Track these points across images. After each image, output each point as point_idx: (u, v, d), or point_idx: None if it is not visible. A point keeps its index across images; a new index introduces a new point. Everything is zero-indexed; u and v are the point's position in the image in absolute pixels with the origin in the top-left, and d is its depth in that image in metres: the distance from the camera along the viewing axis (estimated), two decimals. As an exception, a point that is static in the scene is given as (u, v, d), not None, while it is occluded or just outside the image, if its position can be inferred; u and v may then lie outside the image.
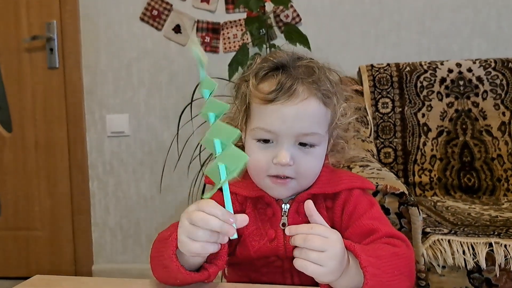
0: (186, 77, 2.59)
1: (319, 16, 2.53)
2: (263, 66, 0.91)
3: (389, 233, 0.86)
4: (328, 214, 0.93)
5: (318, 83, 0.87)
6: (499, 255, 1.39)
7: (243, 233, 0.92)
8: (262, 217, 0.93)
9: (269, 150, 0.87)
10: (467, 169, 2.15)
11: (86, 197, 2.75)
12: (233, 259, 0.95)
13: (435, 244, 1.44)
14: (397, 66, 2.28)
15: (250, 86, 0.90)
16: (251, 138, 0.90)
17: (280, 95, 0.85)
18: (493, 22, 2.46)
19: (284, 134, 0.86)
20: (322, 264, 0.72)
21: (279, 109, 0.85)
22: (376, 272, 0.75)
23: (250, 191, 0.93)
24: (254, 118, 0.90)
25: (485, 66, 2.23)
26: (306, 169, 0.88)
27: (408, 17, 2.50)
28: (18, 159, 2.76)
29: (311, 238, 0.73)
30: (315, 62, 0.92)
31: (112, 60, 2.66)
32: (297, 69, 0.88)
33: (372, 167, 1.61)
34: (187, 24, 2.59)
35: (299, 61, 0.91)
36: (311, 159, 0.88)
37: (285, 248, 0.90)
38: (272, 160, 0.86)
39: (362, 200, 0.92)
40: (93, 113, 2.71)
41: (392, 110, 2.24)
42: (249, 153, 0.89)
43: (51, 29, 2.65)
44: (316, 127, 0.87)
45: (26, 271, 2.75)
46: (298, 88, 0.86)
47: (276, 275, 0.93)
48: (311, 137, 0.87)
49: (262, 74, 0.90)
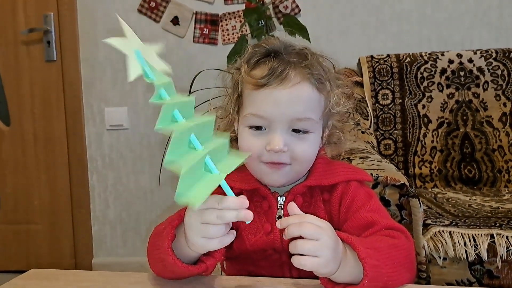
0: (184, 69, 2.57)
1: (319, 7, 2.51)
2: (255, 52, 0.90)
3: (388, 225, 0.85)
4: (325, 207, 0.92)
5: (311, 68, 0.87)
6: (500, 246, 1.38)
7: (239, 226, 0.91)
8: (258, 210, 0.91)
9: (262, 137, 0.86)
10: (467, 160, 2.15)
11: (85, 191, 2.74)
12: (230, 252, 0.94)
13: (436, 236, 1.44)
14: (397, 57, 2.27)
15: (242, 72, 0.89)
16: (243, 125, 0.89)
17: (272, 80, 0.84)
18: (495, 12, 2.44)
19: (277, 120, 0.84)
20: (318, 254, 0.71)
21: (271, 93, 0.84)
22: (376, 263, 0.74)
23: (245, 184, 0.92)
24: (246, 105, 0.89)
25: (486, 56, 2.22)
26: (301, 155, 0.86)
27: (409, 7, 2.48)
28: (17, 153, 2.75)
29: (305, 225, 0.72)
30: (307, 49, 0.91)
31: (110, 52, 2.64)
32: (290, 55, 0.87)
33: (373, 159, 1.60)
34: (186, 16, 2.57)
35: (290, 47, 0.90)
36: (305, 144, 0.87)
37: (282, 241, 0.89)
38: (265, 147, 0.85)
39: (360, 192, 0.91)
40: (92, 106, 2.70)
41: (392, 101, 2.22)
42: (242, 141, 0.89)
43: (48, 22, 2.63)
44: (310, 112, 0.86)
45: (26, 264, 2.74)
46: (290, 73, 0.85)
47: (274, 268, 0.92)
48: (304, 122, 0.86)
49: (254, 61, 0.89)
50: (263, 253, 0.91)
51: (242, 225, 0.91)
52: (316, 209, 0.91)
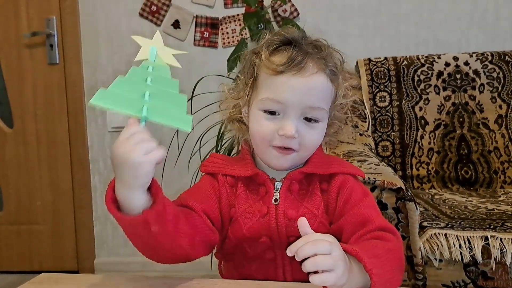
0: (185, 73, 2.60)
1: (317, 10, 2.54)
2: (274, 39, 0.93)
3: (382, 225, 0.88)
4: (323, 196, 0.95)
5: (326, 59, 0.91)
6: (494, 248, 1.41)
7: (236, 213, 0.94)
8: (254, 197, 0.95)
9: (275, 122, 0.89)
10: (464, 161, 2.18)
11: (87, 191, 2.77)
12: (226, 242, 0.97)
13: (432, 238, 1.47)
14: (395, 59, 2.30)
15: (262, 57, 0.92)
16: (257, 109, 0.92)
17: (291, 68, 0.88)
18: (491, 15, 2.47)
19: (292, 106, 0.88)
20: (335, 267, 0.72)
21: (289, 80, 0.88)
22: (380, 272, 0.77)
23: (245, 171, 0.95)
24: (263, 89, 0.92)
25: (482, 59, 2.25)
26: (309, 142, 0.91)
27: (406, 10, 2.51)
28: (19, 154, 2.77)
29: (318, 242, 0.73)
30: (322, 41, 0.95)
31: (111, 55, 2.68)
32: (307, 45, 0.91)
33: (370, 162, 1.63)
34: (186, 19, 2.60)
35: (308, 38, 0.94)
36: (314, 133, 0.91)
37: (277, 223, 0.92)
38: (278, 131, 0.89)
39: (357, 188, 0.94)
40: (94, 109, 2.72)
41: (389, 103, 2.26)
42: (255, 123, 0.92)
43: (50, 25, 2.66)
44: (322, 102, 0.91)
45: (28, 265, 2.78)
46: (308, 63, 0.89)
47: (269, 272, 0.95)
48: (317, 111, 0.90)
49: (274, 47, 0.92)
50: (258, 241, 0.94)
51: (238, 212, 0.94)
52: (313, 197, 0.94)
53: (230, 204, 0.96)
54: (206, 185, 0.97)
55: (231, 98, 1.00)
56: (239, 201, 0.95)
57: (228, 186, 0.96)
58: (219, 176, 0.97)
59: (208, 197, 0.95)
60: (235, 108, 0.99)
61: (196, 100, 2.14)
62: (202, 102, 2.19)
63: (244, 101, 0.97)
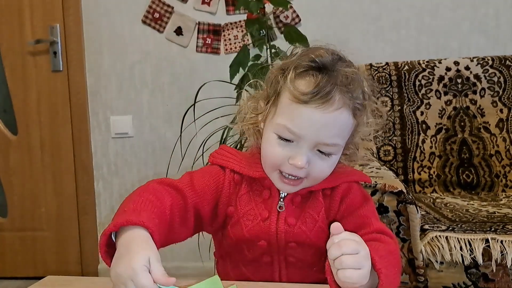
0: (188, 78, 2.63)
1: (318, 17, 2.56)
2: (303, 62, 0.88)
3: (380, 229, 0.90)
4: (325, 200, 0.95)
5: (353, 93, 0.86)
6: (495, 250, 1.42)
7: (237, 214, 0.95)
8: (256, 199, 0.95)
9: (287, 149, 0.87)
10: (465, 165, 2.19)
11: (91, 197, 2.79)
12: (226, 242, 0.98)
13: (433, 241, 1.48)
14: (396, 65, 2.32)
15: (287, 78, 0.88)
16: (272, 131, 0.89)
17: (316, 99, 0.84)
18: (491, 20, 2.49)
19: (307, 139, 0.86)
20: (361, 266, 0.74)
21: (311, 112, 0.84)
22: (387, 272, 0.78)
23: (253, 171, 0.95)
24: (282, 114, 0.88)
25: (483, 64, 2.26)
26: (318, 172, 0.89)
27: (407, 15, 2.53)
28: (24, 161, 2.79)
29: (344, 243, 0.75)
30: (354, 71, 0.89)
31: (115, 62, 2.70)
32: (337, 75, 0.86)
33: (372, 166, 1.64)
34: (189, 26, 2.62)
35: (339, 63, 0.88)
36: (325, 164, 0.89)
37: (277, 228, 0.93)
38: (288, 160, 0.87)
39: (359, 194, 0.96)
40: (97, 115, 2.75)
41: (391, 108, 2.27)
42: (268, 145, 0.90)
43: (54, 33, 2.68)
44: (339, 139, 0.88)
45: (33, 271, 2.79)
46: (335, 96, 0.84)
47: (265, 275, 0.97)
48: (331, 147, 0.87)
49: (301, 70, 0.88)
50: (256, 244, 0.94)
51: (240, 212, 0.95)
52: (315, 203, 0.95)
53: (229, 202, 0.96)
54: (212, 176, 0.96)
55: (250, 111, 0.97)
56: (241, 202, 0.95)
57: (233, 184, 0.96)
58: (227, 170, 0.97)
59: (208, 190, 0.94)
60: (253, 119, 0.97)
61: (199, 106, 2.16)
62: (205, 107, 2.21)
63: (262, 116, 0.94)
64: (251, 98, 0.99)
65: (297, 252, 0.95)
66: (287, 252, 0.95)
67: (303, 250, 0.95)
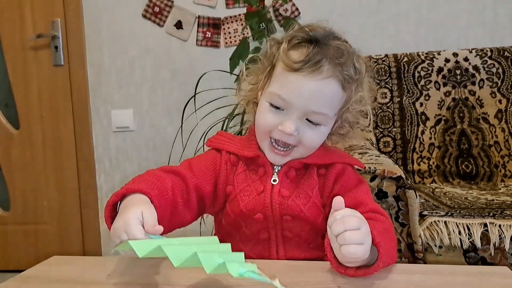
0: (188, 72, 2.64)
1: (317, 9, 2.57)
2: (297, 34, 0.93)
3: (374, 208, 0.93)
4: (319, 180, 0.98)
5: (343, 66, 0.90)
6: (493, 234, 1.44)
7: (234, 191, 0.98)
8: (252, 177, 0.99)
9: (277, 116, 0.92)
10: (464, 156, 2.20)
11: (93, 191, 2.81)
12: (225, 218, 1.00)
13: (432, 226, 1.49)
14: (395, 56, 2.33)
15: (281, 49, 0.93)
16: (265, 99, 0.94)
17: (306, 67, 0.88)
18: (490, 12, 2.50)
19: (296, 107, 0.90)
20: (363, 241, 0.76)
21: (299, 80, 0.88)
22: (386, 247, 0.80)
23: (247, 151, 0.99)
24: (275, 82, 0.94)
25: (481, 55, 2.28)
26: (307, 141, 0.93)
27: (405, 8, 2.54)
28: (26, 155, 2.81)
29: (347, 219, 0.76)
30: (347, 46, 0.93)
31: (115, 56, 2.72)
32: (328, 47, 0.90)
33: (371, 154, 1.66)
34: (189, 20, 2.63)
35: (332, 40, 0.92)
36: (314, 134, 0.93)
37: (271, 200, 0.96)
38: (278, 126, 0.91)
39: (354, 176, 0.99)
40: (98, 109, 2.76)
41: (390, 100, 2.28)
42: (260, 113, 0.95)
43: (55, 28, 2.70)
44: (327, 109, 0.91)
45: (35, 264, 2.79)
46: (324, 65, 0.88)
47: (263, 251, 0.99)
48: (319, 116, 0.91)
49: (294, 42, 0.92)
50: (253, 218, 0.97)
51: (237, 189, 0.98)
52: (310, 180, 0.98)
53: (227, 182, 1.00)
54: (209, 159, 1.01)
55: (248, 82, 1.02)
56: (238, 180, 0.99)
57: (230, 164, 1.00)
58: (223, 152, 1.01)
59: (206, 171, 0.98)
60: (251, 91, 1.02)
61: (199, 98, 2.17)
62: (205, 99, 2.22)
63: (259, 86, 0.99)
64: (251, 73, 1.03)
65: (293, 226, 0.97)
66: (283, 226, 0.97)
67: (299, 225, 0.97)
